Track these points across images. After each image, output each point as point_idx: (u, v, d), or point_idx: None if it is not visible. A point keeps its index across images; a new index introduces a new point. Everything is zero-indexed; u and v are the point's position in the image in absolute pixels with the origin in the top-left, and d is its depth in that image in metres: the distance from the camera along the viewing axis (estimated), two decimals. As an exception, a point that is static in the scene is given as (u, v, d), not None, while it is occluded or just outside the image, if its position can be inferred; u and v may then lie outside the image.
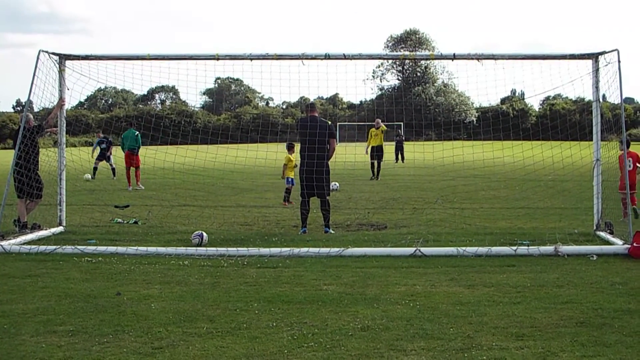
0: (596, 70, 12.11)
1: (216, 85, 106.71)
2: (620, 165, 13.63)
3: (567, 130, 14.96)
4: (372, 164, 25.98)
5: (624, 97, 11.53)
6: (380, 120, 26.38)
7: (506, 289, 8.29)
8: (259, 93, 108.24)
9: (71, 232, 12.99)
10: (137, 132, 22.75)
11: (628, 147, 13.61)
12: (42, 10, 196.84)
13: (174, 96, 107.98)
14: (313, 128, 12.78)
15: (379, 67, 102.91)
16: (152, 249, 10.82)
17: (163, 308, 7.49)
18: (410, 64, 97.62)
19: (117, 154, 24.39)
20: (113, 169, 26.52)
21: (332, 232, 12.97)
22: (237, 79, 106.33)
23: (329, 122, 13.16)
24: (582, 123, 14.54)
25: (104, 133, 28.00)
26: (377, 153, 25.94)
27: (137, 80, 13.15)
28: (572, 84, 12.47)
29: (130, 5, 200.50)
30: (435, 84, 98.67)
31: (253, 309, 7.42)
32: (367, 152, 26.19)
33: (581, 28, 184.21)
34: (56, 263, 9.97)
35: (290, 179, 17.37)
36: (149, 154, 14.84)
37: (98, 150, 26.29)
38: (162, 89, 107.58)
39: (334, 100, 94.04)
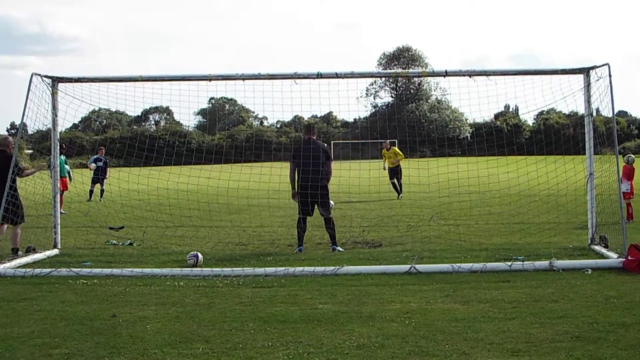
0: (587, 85, 12.19)
1: (210, 105, 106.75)
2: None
3: (561, 145, 15.01)
4: (393, 183, 26.05)
5: (617, 110, 11.66)
6: (389, 142, 26.71)
7: (501, 304, 8.30)
8: (253, 112, 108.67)
9: (66, 254, 12.97)
10: (65, 158, 24.00)
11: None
12: (32, 30, 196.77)
13: (167, 117, 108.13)
14: (311, 150, 12.85)
15: (372, 84, 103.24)
16: (147, 270, 10.80)
17: (159, 329, 7.47)
18: (404, 81, 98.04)
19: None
20: (102, 191, 26.21)
21: (341, 249, 12.96)
22: (231, 99, 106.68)
23: (325, 145, 13.28)
24: (577, 137, 14.59)
25: (105, 152, 27.69)
26: (393, 171, 26.29)
27: (130, 101, 13.19)
28: (565, 100, 12.56)
29: (120, 24, 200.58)
30: (429, 101, 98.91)
31: (249, 329, 7.41)
32: (384, 168, 26.57)
33: (572, 38, 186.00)
34: (51, 286, 9.95)
35: None
36: (142, 174, 14.81)
37: (94, 166, 26.09)
38: (156, 109, 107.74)
39: (327, 118, 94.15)
